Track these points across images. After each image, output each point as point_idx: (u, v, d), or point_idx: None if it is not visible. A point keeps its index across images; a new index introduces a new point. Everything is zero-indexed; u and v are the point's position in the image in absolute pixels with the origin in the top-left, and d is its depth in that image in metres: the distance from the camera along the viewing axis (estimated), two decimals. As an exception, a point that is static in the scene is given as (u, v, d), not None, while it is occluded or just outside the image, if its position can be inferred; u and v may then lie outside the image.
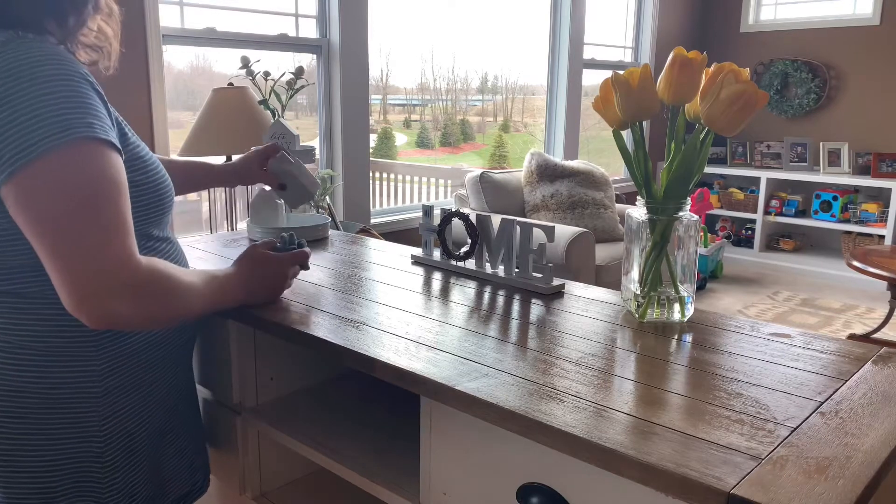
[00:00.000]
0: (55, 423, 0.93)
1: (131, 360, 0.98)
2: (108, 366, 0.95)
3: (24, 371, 0.90)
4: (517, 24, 4.32)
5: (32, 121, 0.77)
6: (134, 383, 0.99)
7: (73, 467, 0.95)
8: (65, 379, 0.92)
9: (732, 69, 1.04)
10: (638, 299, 1.16)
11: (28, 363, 0.90)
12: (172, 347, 1.06)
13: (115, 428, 0.97)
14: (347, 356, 1.03)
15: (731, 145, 5.25)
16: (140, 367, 1.00)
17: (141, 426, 1.01)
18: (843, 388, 0.91)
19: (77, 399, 0.93)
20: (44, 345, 0.91)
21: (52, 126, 0.77)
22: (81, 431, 0.94)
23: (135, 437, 1.01)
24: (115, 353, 0.96)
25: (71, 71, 0.82)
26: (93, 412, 0.94)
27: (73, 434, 0.94)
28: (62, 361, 0.92)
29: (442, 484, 0.97)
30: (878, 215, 4.60)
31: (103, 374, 0.94)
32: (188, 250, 1.62)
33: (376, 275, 1.43)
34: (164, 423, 1.06)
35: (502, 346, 1.04)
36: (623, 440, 0.76)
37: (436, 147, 4.44)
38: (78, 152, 0.79)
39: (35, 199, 0.78)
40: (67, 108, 0.79)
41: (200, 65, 3.05)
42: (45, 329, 0.91)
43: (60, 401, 0.92)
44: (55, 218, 0.78)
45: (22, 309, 0.90)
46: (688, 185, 1.13)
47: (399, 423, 1.30)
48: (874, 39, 4.68)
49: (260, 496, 1.38)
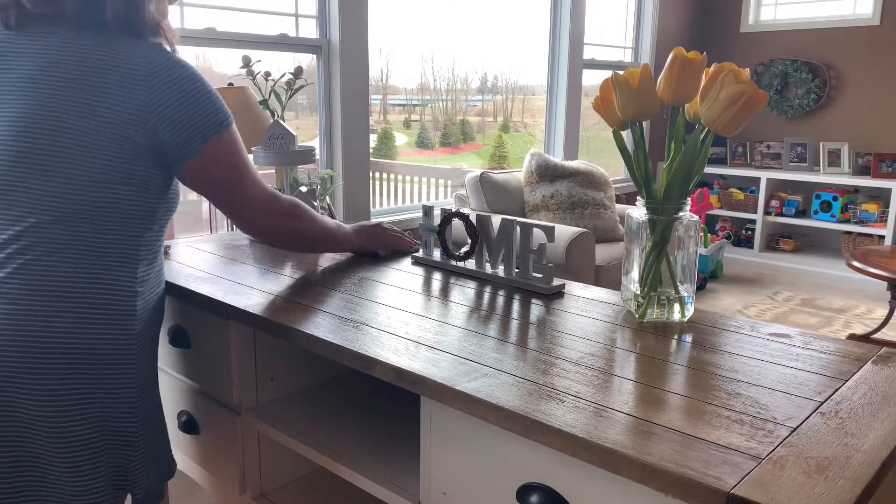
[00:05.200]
0: (104, 376, 1.04)
1: (145, 323, 1.11)
2: (140, 326, 1.09)
3: (82, 329, 1.01)
4: (517, 24, 4.32)
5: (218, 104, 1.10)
6: (144, 349, 1.11)
7: (115, 420, 1.06)
8: (118, 334, 1.05)
9: (732, 69, 1.04)
10: (638, 299, 1.16)
11: (87, 322, 1.02)
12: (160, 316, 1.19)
13: (138, 387, 1.09)
14: (347, 356, 1.03)
15: (731, 145, 5.25)
16: (153, 332, 1.15)
17: (144, 391, 1.12)
18: (843, 388, 0.91)
19: (123, 353, 1.06)
20: (100, 301, 1.03)
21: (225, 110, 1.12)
22: (122, 384, 1.06)
23: (153, 395, 1.15)
24: (142, 313, 1.09)
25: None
26: (131, 369, 1.07)
27: (120, 387, 1.06)
28: (113, 321, 1.04)
29: (442, 484, 0.97)
30: (878, 215, 4.60)
31: (137, 334, 1.08)
32: (189, 251, 1.62)
33: (376, 275, 1.43)
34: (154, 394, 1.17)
35: (502, 346, 1.04)
36: (623, 440, 0.76)
37: (436, 147, 4.45)
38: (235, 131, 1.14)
39: (230, 155, 1.13)
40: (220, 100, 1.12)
41: (200, 65, 3.05)
42: (103, 288, 1.03)
43: (108, 355, 1.04)
44: (243, 169, 1.16)
45: (87, 270, 1.02)
46: (688, 185, 1.13)
47: (399, 423, 1.30)
48: (874, 39, 4.68)
49: (260, 496, 1.38)
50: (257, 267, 1.47)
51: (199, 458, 1.45)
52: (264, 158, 1.72)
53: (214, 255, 1.57)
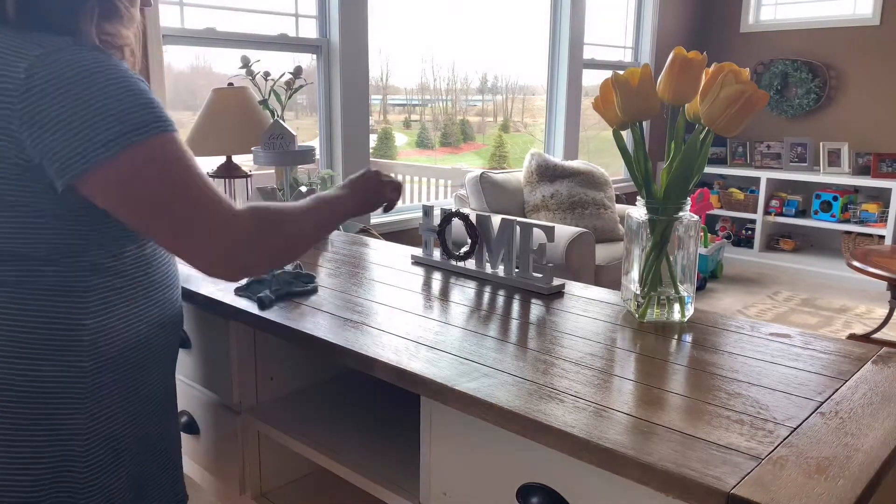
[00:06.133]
0: (39, 419, 0.92)
1: (119, 359, 0.97)
2: (97, 364, 0.95)
3: (14, 365, 0.90)
4: (517, 25, 4.32)
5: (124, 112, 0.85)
6: (121, 383, 0.99)
7: (54, 463, 0.94)
8: (53, 374, 0.92)
9: (732, 69, 1.04)
10: (638, 299, 1.16)
11: (18, 357, 0.90)
12: (158, 349, 1.05)
13: (100, 428, 0.97)
14: (347, 356, 1.03)
15: (731, 145, 5.25)
16: (128, 366, 0.99)
17: (126, 428, 1.00)
18: (843, 388, 0.91)
19: (63, 396, 0.93)
20: (36, 337, 0.91)
21: (142, 117, 0.85)
22: (66, 429, 0.94)
23: (120, 439, 1.00)
24: (104, 350, 0.95)
25: (131, 74, 0.89)
26: (78, 410, 0.94)
27: (56, 430, 0.93)
28: (52, 356, 0.92)
29: (442, 484, 0.97)
30: (878, 215, 4.60)
31: (91, 372, 0.94)
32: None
33: (376, 275, 1.43)
34: (149, 428, 1.05)
35: (502, 346, 1.04)
36: (623, 440, 0.76)
37: (436, 147, 4.44)
38: (165, 142, 0.88)
39: (137, 185, 0.86)
40: (144, 103, 0.87)
41: (200, 65, 3.05)
42: (39, 322, 0.91)
43: (47, 395, 0.92)
44: (163, 202, 0.88)
45: (19, 300, 0.90)
46: (688, 185, 1.13)
47: (399, 423, 1.30)
48: (874, 39, 4.68)
49: (260, 496, 1.38)
50: (257, 267, 1.47)
51: (199, 458, 1.45)
52: (264, 158, 1.72)
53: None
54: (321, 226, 1.07)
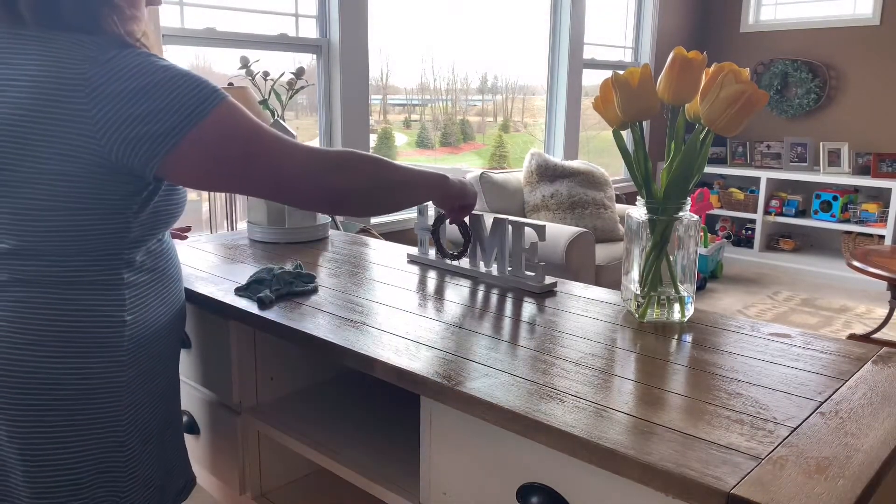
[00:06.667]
0: (85, 414, 0.96)
1: (146, 349, 1.02)
2: (132, 356, 0.99)
3: (65, 364, 0.93)
4: (517, 25, 4.32)
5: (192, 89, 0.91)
6: (147, 374, 1.03)
7: (97, 457, 0.98)
8: (100, 370, 0.96)
9: (732, 69, 1.04)
10: (638, 299, 1.16)
11: (68, 356, 0.94)
12: (171, 340, 1.10)
13: (133, 417, 1.01)
14: (347, 356, 1.03)
15: (731, 145, 5.25)
16: (151, 358, 1.04)
17: (152, 416, 1.05)
18: (843, 388, 0.91)
19: (106, 389, 0.97)
20: (83, 335, 0.94)
21: (206, 87, 0.92)
22: (107, 421, 0.98)
23: (148, 426, 1.05)
24: (137, 343, 1.00)
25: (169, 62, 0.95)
26: (117, 402, 0.98)
27: (100, 424, 0.97)
28: (99, 352, 0.96)
29: (442, 484, 0.97)
30: (878, 215, 4.60)
31: (128, 364, 0.99)
32: (190, 250, 1.62)
33: (376, 274, 1.43)
34: (167, 415, 1.10)
35: (501, 345, 1.04)
36: (623, 440, 0.76)
37: (436, 147, 4.44)
38: (231, 103, 0.94)
39: (228, 138, 0.92)
40: (198, 78, 0.93)
41: (200, 65, 3.05)
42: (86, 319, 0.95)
43: (95, 391, 0.96)
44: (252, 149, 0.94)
45: (68, 299, 0.94)
46: (688, 185, 1.13)
47: (399, 423, 1.30)
48: (874, 39, 4.68)
49: (260, 496, 1.38)
50: (257, 267, 1.47)
51: (200, 458, 1.45)
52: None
53: (214, 255, 1.57)
54: (405, 174, 1.11)
